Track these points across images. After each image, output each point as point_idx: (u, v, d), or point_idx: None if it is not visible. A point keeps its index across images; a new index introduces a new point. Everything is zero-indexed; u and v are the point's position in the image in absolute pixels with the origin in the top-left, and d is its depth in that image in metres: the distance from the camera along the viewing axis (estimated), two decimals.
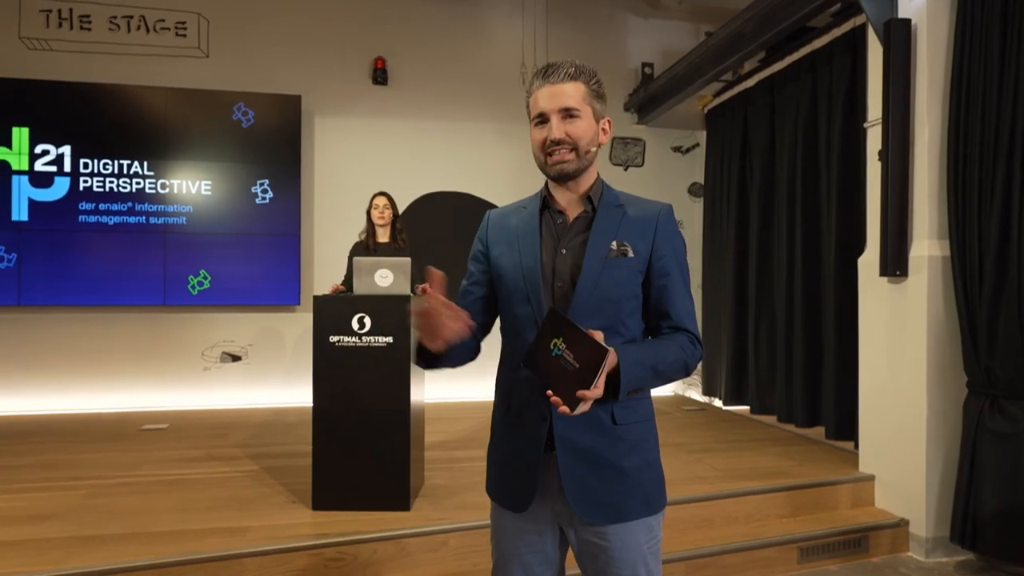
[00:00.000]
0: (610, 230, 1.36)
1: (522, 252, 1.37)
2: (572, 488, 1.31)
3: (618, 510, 1.32)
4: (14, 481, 3.30)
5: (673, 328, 1.37)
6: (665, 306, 1.37)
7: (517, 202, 1.48)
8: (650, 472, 1.37)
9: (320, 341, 2.87)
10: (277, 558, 2.47)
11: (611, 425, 1.33)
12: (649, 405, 1.41)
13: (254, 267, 5.36)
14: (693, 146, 6.34)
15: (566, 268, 1.34)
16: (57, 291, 5.10)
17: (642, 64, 6.05)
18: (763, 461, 3.69)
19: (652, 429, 1.41)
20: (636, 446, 1.35)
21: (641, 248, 1.35)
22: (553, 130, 1.31)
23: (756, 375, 5.11)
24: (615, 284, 1.33)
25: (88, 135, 5.16)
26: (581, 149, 1.33)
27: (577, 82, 1.32)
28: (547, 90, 1.32)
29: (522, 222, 1.41)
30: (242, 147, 5.38)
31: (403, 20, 5.75)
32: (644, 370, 1.28)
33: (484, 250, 1.45)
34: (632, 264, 1.34)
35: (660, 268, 1.36)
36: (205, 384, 5.42)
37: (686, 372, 1.36)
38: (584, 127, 1.33)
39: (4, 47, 5.18)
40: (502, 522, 1.42)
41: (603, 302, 1.32)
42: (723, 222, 5.67)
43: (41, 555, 2.39)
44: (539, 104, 1.33)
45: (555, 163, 1.33)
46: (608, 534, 1.33)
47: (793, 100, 4.66)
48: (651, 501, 1.36)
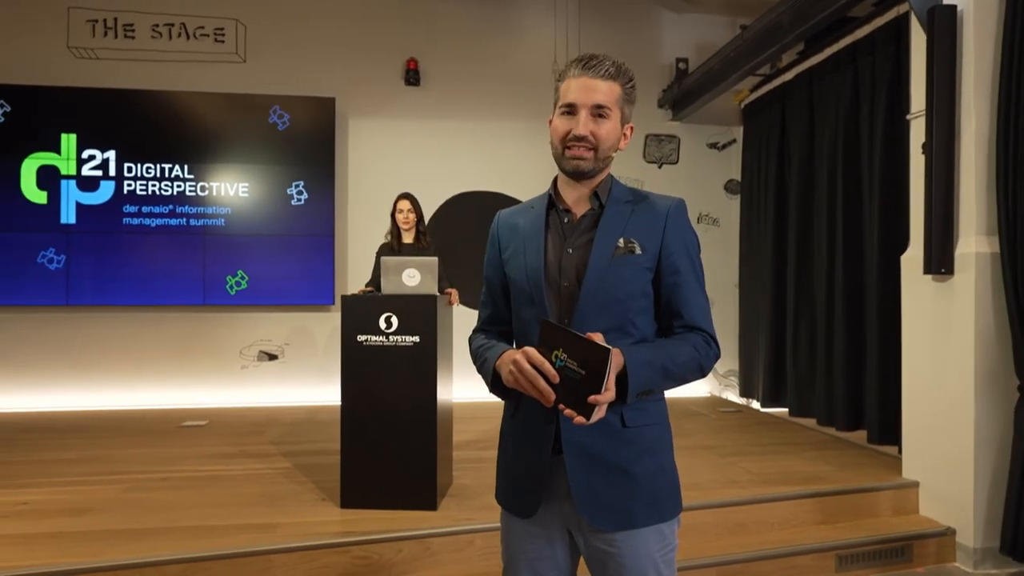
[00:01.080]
0: (617, 227, 1.31)
1: (527, 253, 1.34)
2: (580, 493, 1.28)
3: (628, 516, 1.28)
4: (59, 475, 3.41)
5: (686, 327, 1.32)
6: (677, 305, 1.32)
7: (527, 202, 1.45)
8: (663, 477, 1.32)
9: (348, 340, 2.89)
10: (304, 555, 2.49)
11: (620, 428, 1.29)
12: (662, 407, 1.37)
13: (289, 267, 5.45)
14: (730, 142, 6.21)
15: (572, 267, 1.31)
16: (103, 291, 5.27)
17: (676, 60, 5.95)
18: (800, 465, 3.58)
19: (665, 432, 1.36)
20: (647, 450, 1.31)
21: (650, 245, 1.31)
22: (580, 125, 1.28)
23: (795, 376, 4.98)
24: (622, 282, 1.28)
25: (132, 140, 5.33)
26: (601, 151, 1.30)
27: (614, 82, 1.29)
28: (583, 81, 1.28)
29: (529, 222, 1.38)
30: (278, 149, 5.48)
31: (435, 20, 5.78)
32: (653, 371, 1.23)
33: (498, 253, 1.43)
34: (640, 261, 1.30)
35: (670, 265, 1.31)
36: (243, 382, 5.53)
37: (701, 373, 1.32)
38: (610, 129, 1.30)
39: (54, 57, 5.38)
40: (510, 527, 1.39)
41: (610, 301, 1.28)
42: (761, 219, 5.53)
43: (78, 547, 2.46)
44: (571, 93, 1.29)
45: (572, 157, 1.30)
46: (618, 541, 1.28)
47: (833, 93, 4.52)
48: (663, 507, 1.31)
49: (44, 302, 5.23)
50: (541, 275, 1.31)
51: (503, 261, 1.40)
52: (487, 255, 1.47)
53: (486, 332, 1.48)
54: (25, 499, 3.01)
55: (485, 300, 1.49)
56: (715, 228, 6.17)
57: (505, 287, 1.41)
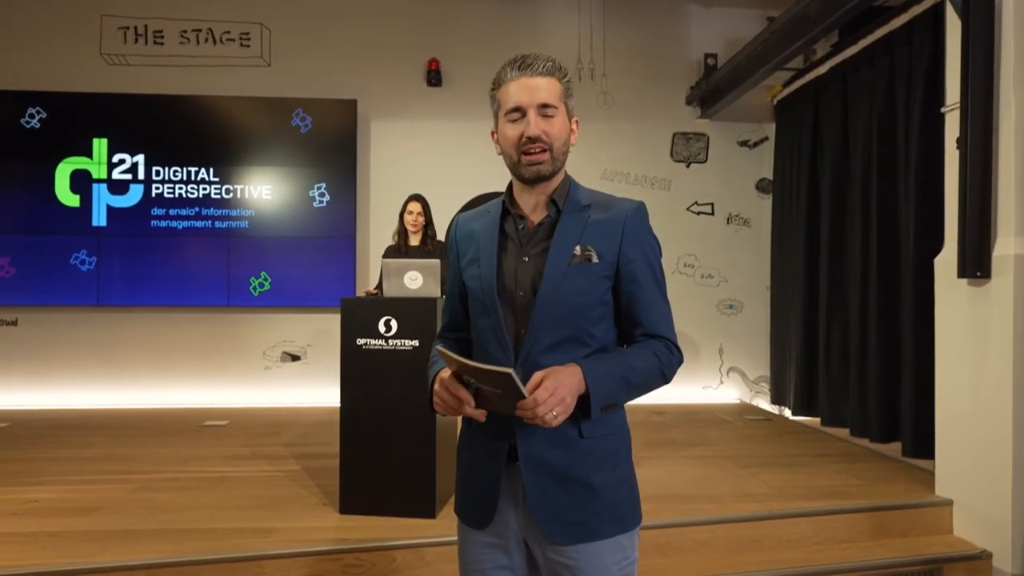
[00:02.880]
0: (574, 235, 1.27)
1: (482, 261, 1.31)
2: (538, 507, 1.23)
3: (586, 529, 1.24)
4: (74, 473, 3.48)
5: (647, 335, 1.28)
6: (637, 313, 1.28)
7: (484, 205, 1.41)
8: (622, 488, 1.28)
9: (348, 343, 2.86)
10: (296, 561, 2.45)
11: (578, 439, 1.24)
12: (620, 415, 1.32)
13: (312, 269, 5.49)
14: (761, 140, 5.99)
15: (528, 277, 1.27)
16: (131, 292, 5.40)
17: (705, 55, 5.77)
18: (825, 479, 3.39)
19: (624, 442, 1.32)
20: (606, 460, 1.26)
21: (607, 252, 1.26)
22: (531, 125, 1.24)
23: (827, 384, 4.75)
24: (578, 292, 1.24)
25: (160, 144, 5.44)
26: (556, 150, 1.27)
27: (553, 78, 1.27)
28: (524, 82, 1.25)
29: (484, 228, 1.34)
30: (300, 152, 5.52)
31: (457, 20, 5.74)
32: (614, 383, 1.21)
33: (456, 260, 1.40)
34: (597, 270, 1.26)
35: (628, 273, 1.27)
36: (266, 382, 5.59)
37: (664, 380, 1.29)
38: (560, 126, 1.27)
39: (87, 64, 5.53)
40: (466, 538, 1.35)
41: (566, 312, 1.24)
42: (793, 220, 5.32)
43: (77, 547, 2.48)
44: (513, 97, 1.25)
45: (530, 163, 1.26)
46: (574, 554, 1.24)
47: (868, 87, 4.30)
48: (624, 519, 1.27)
49: (76, 302, 5.38)
50: (494, 285, 1.27)
51: (461, 268, 1.37)
52: (449, 263, 1.45)
53: (444, 339, 1.45)
54: (36, 497, 3.06)
55: (446, 306, 1.46)
56: (746, 229, 5.96)
57: (463, 294, 1.38)
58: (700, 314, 5.86)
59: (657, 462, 3.73)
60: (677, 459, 3.81)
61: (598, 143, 5.78)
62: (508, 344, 1.25)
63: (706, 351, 5.89)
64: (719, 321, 5.91)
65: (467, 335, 1.40)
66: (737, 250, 5.93)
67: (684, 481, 3.37)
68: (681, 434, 4.47)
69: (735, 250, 5.93)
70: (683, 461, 3.77)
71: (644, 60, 5.88)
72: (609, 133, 5.83)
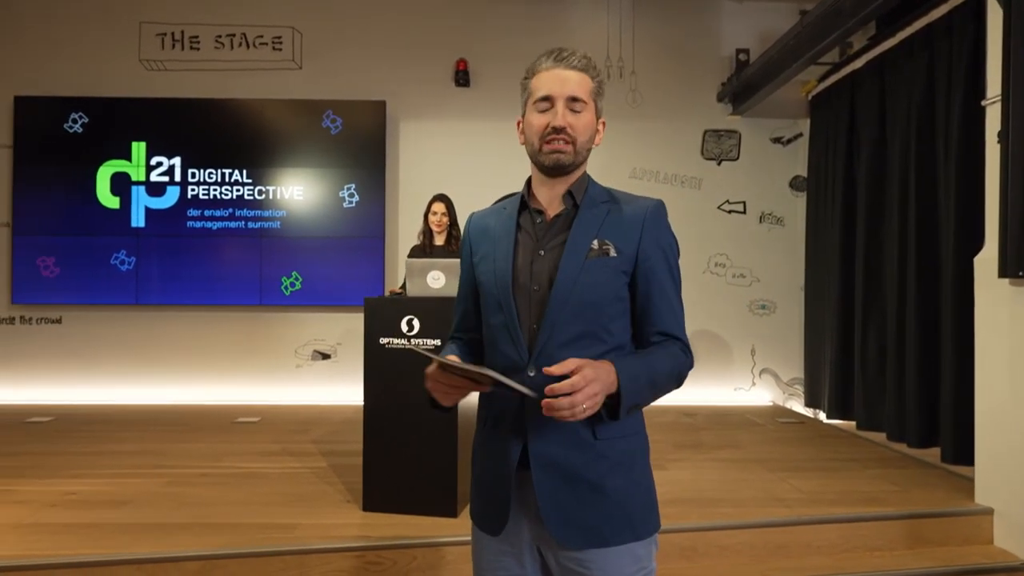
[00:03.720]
0: (592, 228, 1.25)
1: (496, 256, 1.29)
2: (548, 510, 1.21)
3: (599, 534, 1.21)
4: (111, 466, 3.58)
5: (662, 335, 1.25)
6: (652, 312, 1.25)
7: (499, 203, 1.41)
8: (637, 493, 1.25)
9: (371, 342, 2.88)
10: (319, 557, 2.48)
11: (592, 441, 1.22)
12: (636, 419, 1.29)
13: (342, 269, 5.56)
14: (795, 136, 5.85)
15: (544, 270, 1.25)
16: (168, 291, 5.55)
17: (736, 51, 5.66)
18: (858, 485, 3.30)
19: (640, 444, 1.28)
20: (620, 463, 1.23)
21: (626, 247, 1.24)
22: (558, 116, 1.23)
23: (863, 387, 4.61)
24: (594, 286, 1.22)
25: (195, 146, 5.57)
26: (580, 144, 1.26)
27: (586, 74, 1.26)
28: (557, 73, 1.24)
29: (499, 224, 1.33)
30: (331, 153, 5.59)
31: (485, 20, 5.74)
32: (643, 385, 1.18)
33: (469, 257, 1.38)
34: (615, 264, 1.23)
35: (646, 270, 1.25)
36: (297, 380, 5.68)
37: (679, 383, 1.26)
38: (587, 122, 1.26)
39: (126, 70, 5.70)
40: (480, 543, 1.33)
41: (582, 306, 1.21)
42: (828, 218, 5.18)
43: (109, 539, 2.55)
44: (545, 86, 1.25)
45: (552, 151, 1.24)
46: (588, 561, 1.21)
47: (906, 80, 4.16)
48: (637, 526, 1.24)
49: (116, 301, 5.55)
50: (509, 280, 1.25)
51: (473, 265, 1.35)
52: (462, 260, 1.42)
53: (454, 339, 1.44)
54: (75, 489, 3.16)
55: (456, 305, 1.44)
56: (779, 228, 5.83)
57: (475, 292, 1.36)
58: (732, 314, 5.76)
59: (684, 464, 3.67)
60: (704, 462, 3.75)
61: (627, 142, 5.72)
62: (521, 340, 1.23)
63: (738, 352, 5.78)
64: (751, 322, 5.80)
65: (478, 335, 1.38)
66: (770, 249, 5.81)
67: (711, 484, 3.31)
68: (710, 436, 4.39)
69: (768, 249, 5.81)
70: (711, 464, 3.70)
71: (674, 57, 5.80)
72: (638, 132, 5.77)
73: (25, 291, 5.55)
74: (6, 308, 5.64)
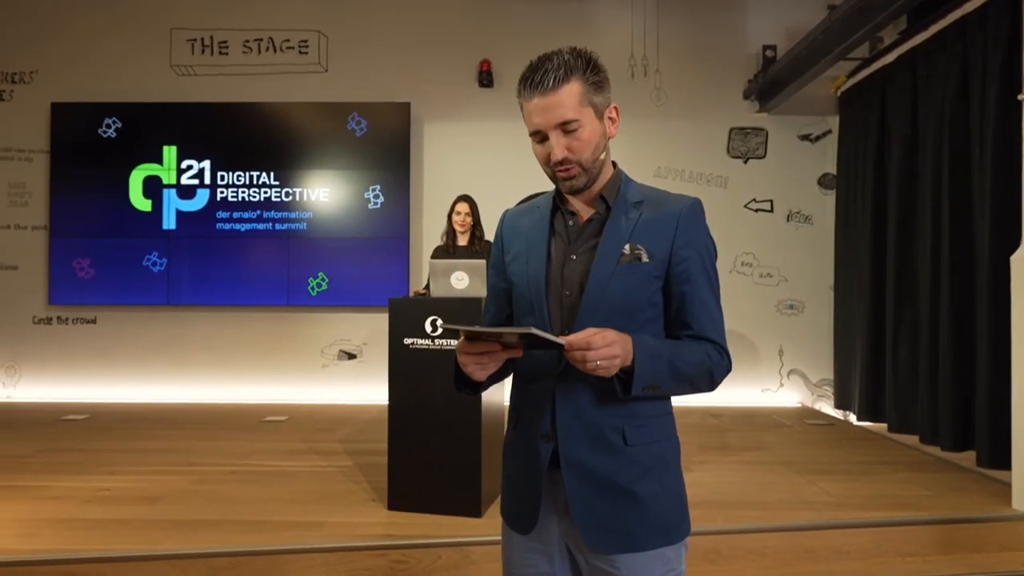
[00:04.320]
0: (624, 232, 1.23)
1: (529, 258, 1.28)
2: (580, 514, 1.20)
3: (630, 538, 1.20)
4: (142, 464, 3.66)
5: (696, 338, 1.22)
6: (686, 315, 1.22)
7: (533, 200, 1.38)
8: (668, 498, 1.24)
9: (395, 343, 2.90)
10: (344, 556, 2.51)
11: (622, 446, 1.21)
12: (668, 422, 1.27)
13: (367, 269, 5.61)
14: (824, 133, 5.75)
15: (575, 275, 1.23)
16: (198, 292, 5.66)
17: (763, 47, 5.58)
18: (890, 489, 3.23)
19: (671, 449, 1.27)
20: (651, 469, 1.22)
21: (658, 251, 1.21)
22: (555, 149, 1.19)
23: (895, 388, 4.52)
24: (626, 292, 1.20)
25: (224, 149, 5.68)
26: (587, 161, 1.21)
27: (570, 83, 1.17)
28: (537, 103, 1.18)
29: (533, 224, 1.31)
30: (356, 155, 5.65)
31: (508, 20, 5.75)
32: (660, 364, 1.15)
33: (501, 256, 1.37)
34: (647, 269, 1.21)
35: (681, 273, 1.22)
36: (324, 380, 5.74)
37: (711, 382, 1.22)
38: (587, 137, 1.20)
39: (158, 75, 5.82)
40: (510, 542, 1.33)
41: (613, 313, 1.19)
42: (858, 216, 5.08)
43: (140, 535, 2.61)
44: (533, 120, 1.20)
45: (564, 179, 1.23)
46: (618, 563, 1.20)
47: (939, 75, 4.06)
48: (669, 530, 1.22)
49: (148, 301, 5.68)
50: (542, 283, 1.24)
51: (505, 265, 1.34)
52: (492, 257, 1.42)
53: None
54: (108, 485, 3.24)
55: (487, 304, 1.44)
56: (807, 226, 5.74)
57: (507, 292, 1.35)
58: (759, 314, 5.68)
59: (709, 466, 3.63)
60: (730, 464, 3.71)
61: (651, 141, 5.68)
62: None
63: (766, 352, 5.71)
64: (779, 322, 5.72)
65: None
66: (798, 248, 5.72)
67: (737, 487, 3.27)
68: (737, 438, 4.34)
69: (795, 248, 5.72)
70: (737, 466, 3.66)
71: (699, 54, 5.75)
72: (663, 130, 5.72)
73: (62, 292, 5.70)
74: (44, 308, 5.80)
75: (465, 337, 1.15)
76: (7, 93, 5.83)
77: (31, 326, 5.80)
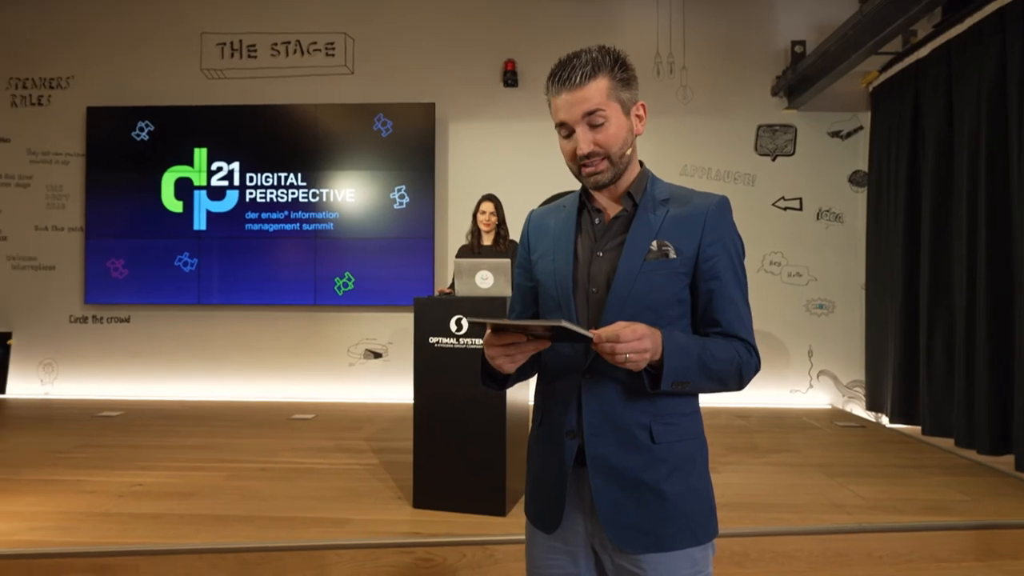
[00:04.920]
0: (651, 229, 1.22)
1: (556, 256, 1.28)
2: (606, 513, 1.20)
3: (657, 538, 1.19)
4: (176, 459, 3.74)
5: (724, 336, 1.22)
6: (714, 313, 1.22)
7: (559, 200, 1.38)
8: (695, 498, 1.23)
9: (420, 342, 2.91)
10: (370, 552, 2.53)
11: (649, 444, 1.20)
12: (696, 421, 1.26)
13: (392, 269, 5.65)
14: (855, 130, 5.64)
15: (601, 272, 1.23)
16: (228, 291, 5.75)
17: (792, 43, 5.49)
18: (925, 493, 3.16)
19: (699, 448, 1.26)
20: (679, 468, 1.21)
21: (686, 248, 1.21)
22: (581, 143, 1.20)
23: (929, 390, 4.41)
24: (653, 289, 1.19)
25: (253, 151, 5.76)
26: (614, 155, 1.21)
27: (598, 79, 1.18)
28: (565, 97, 1.19)
29: (560, 223, 1.31)
30: (381, 155, 5.69)
31: (532, 19, 5.74)
32: (690, 360, 1.15)
33: (527, 255, 1.37)
34: (674, 266, 1.20)
35: (709, 270, 1.21)
36: (350, 379, 5.80)
37: (740, 380, 1.21)
38: (614, 130, 1.20)
39: (189, 79, 5.94)
40: (534, 541, 1.33)
41: (640, 310, 1.19)
42: (891, 213, 4.97)
43: (173, 529, 2.66)
44: (559, 114, 1.21)
45: (589, 175, 1.22)
46: (645, 563, 1.20)
47: (976, 69, 3.95)
48: (696, 530, 1.22)
49: (179, 301, 5.79)
50: (569, 280, 1.24)
51: (532, 263, 1.35)
52: (518, 256, 1.42)
53: None
54: (142, 481, 3.31)
55: (512, 304, 1.44)
56: (837, 225, 5.64)
57: (533, 290, 1.36)
58: (787, 314, 5.60)
59: (736, 468, 3.59)
60: (759, 465, 3.66)
61: (677, 139, 5.63)
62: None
63: (794, 353, 5.62)
64: (808, 322, 5.63)
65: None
66: (828, 247, 5.62)
67: (765, 489, 3.22)
68: (765, 439, 4.28)
69: (825, 247, 5.62)
70: (765, 468, 3.61)
71: (726, 51, 5.68)
72: (689, 128, 5.67)
73: (97, 291, 5.84)
74: (79, 308, 5.95)
75: (492, 330, 1.15)
76: (46, 98, 6.00)
77: (67, 325, 5.96)
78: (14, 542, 2.53)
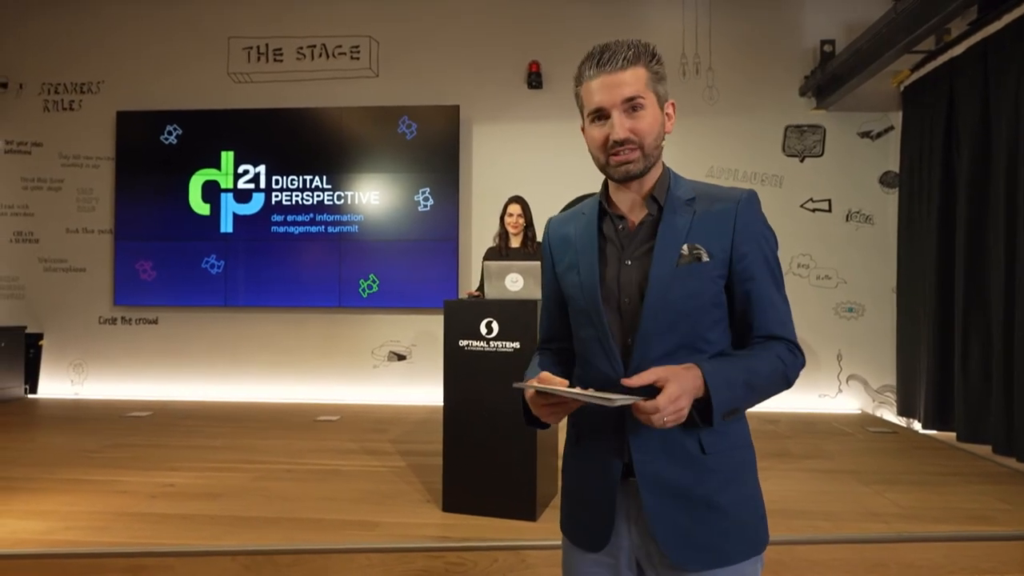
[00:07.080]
0: (680, 232, 1.17)
1: (581, 267, 1.23)
2: (664, 532, 1.15)
3: (718, 554, 1.15)
4: (204, 460, 3.76)
5: (765, 337, 1.18)
6: (752, 314, 1.18)
7: (578, 206, 1.32)
8: (751, 506, 1.20)
9: (450, 345, 2.90)
10: (401, 556, 2.51)
11: (699, 455, 1.16)
12: (744, 428, 1.22)
13: (417, 271, 5.66)
14: (886, 130, 5.55)
15: (632, 282, 1.18)
16: (253, 293, 5.80)
17: (821, 42, 5.41)
18: (964, 501, 3.08)
19: (749, 456, 1.22)
20: (732, 478, 1.18)
21: (718, 250, 1.16)
22: (616, 128, 1.15)
23: (965, 395, 4.31)
24: (689, 295, 1.15)
25: (279, 154, 5.81)
26: (648, 146, 1.17)
27: (637, 67, 1.15)
28: (603, 80, 1.15)
29: (580, 231, 1.26)
30: (406, 158, 5.71)
31: (557, 21, 5.73)
32: (736, 388, 1.11)
33: (551, 267, 1.32)
34: (708, 269, 1.16)
35: (743, 270, 1.17)
36: (374, 381, 5.82)
37: (787, 384, 1.18)
38: (650, 120, 1.16)
39: (216, 83, 6.00)
40: (572, 556, 1.28)
41: (677, 317, 1.15)
42: (924, 215, 4.88)
43: (202, 530, 2.68)
44: (595, 97, 1.16)
45: (620, 163, 1.17)
46: None
47: (1013, 67, 3.86)
48: (755, 540, 1.19)
49: (206, 303, 5.85)
50: (597, 293, 1.19)
51: (557, 276, 1.30)
52: (543, 266, 1.37)
53: (542, 351, 1.39)
54: (172, 481, 3.34)
55: (542, 316, 1.40)
56: (868, 226, 5.54)
57: (561, 302, 1.31)
58: (816, 317, 5.51)
59: (769, 474, 3.53)
60: (791, 472, 3.59)
61: (703, 140, 5.58)
62: (616, 355, 1.17)
63: (824, 357, 5.53)
64: (837, 325, 5.53)
65: (567, 345, 1.33)
66: (858, 249, 5.53)
67: (799, 496, 3.16)
68: (796, 445, 4.21)
69: (855, 249, 5.53)
70: (798, 474, 3.54)
71: (753, 50, 5.62)
72: (715, 129, 5.61)
73: (126, 293, 5.92)
74: (109, 309, 6.04)
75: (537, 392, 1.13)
76: (77, 103, 6.10)
77: (97, 326, 6.05)
78: (51, 541, 2.56)
